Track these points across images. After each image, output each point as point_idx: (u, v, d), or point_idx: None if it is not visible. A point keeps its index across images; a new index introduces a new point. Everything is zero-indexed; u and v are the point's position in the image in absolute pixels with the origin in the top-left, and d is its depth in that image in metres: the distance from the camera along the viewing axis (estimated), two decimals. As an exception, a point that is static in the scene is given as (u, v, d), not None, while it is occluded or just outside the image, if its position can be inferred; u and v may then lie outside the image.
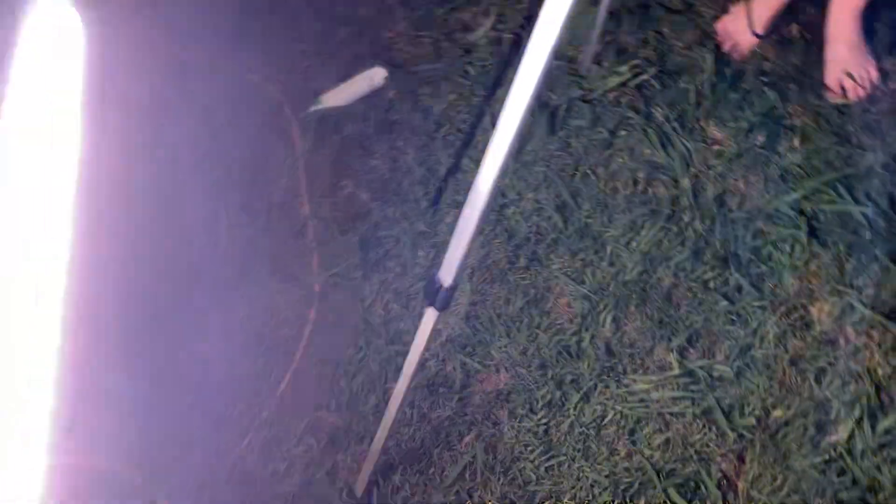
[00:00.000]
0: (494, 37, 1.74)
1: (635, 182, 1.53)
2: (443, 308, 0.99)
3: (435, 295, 0.98)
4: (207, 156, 1.69)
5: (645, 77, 1.64)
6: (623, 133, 1.58)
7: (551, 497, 1.28)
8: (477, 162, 1.55)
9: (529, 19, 1.74)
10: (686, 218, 1.48)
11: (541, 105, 1.56)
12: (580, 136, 1.58)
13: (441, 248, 1.51)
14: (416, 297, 1.48)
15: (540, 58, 0.77)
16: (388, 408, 1.16)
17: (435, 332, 1.03)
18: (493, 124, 1.59)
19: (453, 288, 0.97)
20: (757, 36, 1.56)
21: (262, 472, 1.36)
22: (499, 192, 1.49)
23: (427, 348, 1.05)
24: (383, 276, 1.51)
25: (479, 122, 1.62)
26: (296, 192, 1.64)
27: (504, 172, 0.84)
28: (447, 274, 0.96)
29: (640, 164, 1.55)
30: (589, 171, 1.54)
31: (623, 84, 1.63)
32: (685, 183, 1.51)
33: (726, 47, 1.67)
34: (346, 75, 1.76)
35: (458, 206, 1.55)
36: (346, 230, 1.56)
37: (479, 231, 0.89)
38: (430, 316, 1.02)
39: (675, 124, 1.58)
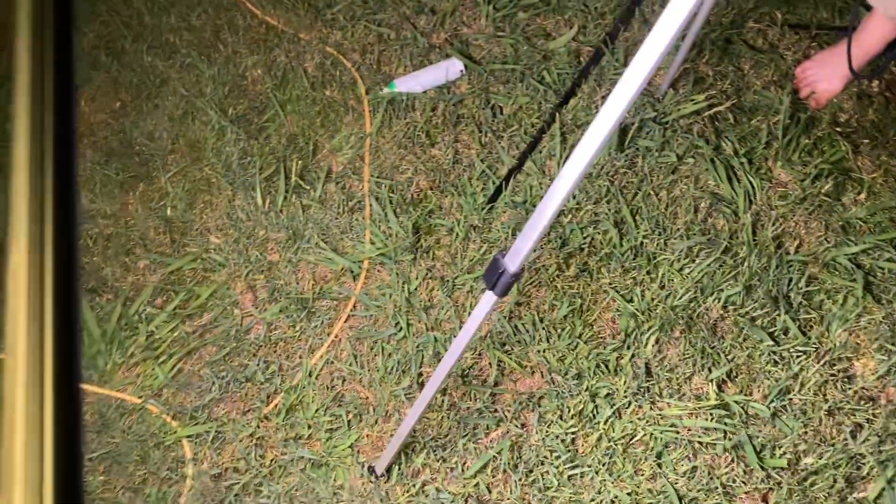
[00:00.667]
0: (574, 48, 1.75)
1: (696, 210, 1.53)
2: (502, 294, 1.00)
3: (496, 280, 0.98)
4: (277, 116, 1.72)
5: (719, 109, 1.64)
6: (690, 160, 1.58)
7: (570, 506, 1.27)
8: (541, 166, 1.56)
9: (612, 37, 1.75)
10: (742, 253, 1.47)
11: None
12: (647, 157, 1.58)
13: (494, 245, 1.51)
14: (461, 288, 1.48)
15: (634, 83, 0.79)
16: (424, 390, 1.16)
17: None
18: (563, 132, 1.62)
19: (517, 276, 0.98)
20: (853, 74, 1.55)
21: (284, 434, 1.36)
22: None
23: (478, 332, 1.06)
24: (431, 264, 1.52)
25: (548, 128, 1.63)
26: (356, 169, 1.65)
27: (585, 175, 0.84)
28: (513, 260, 0.96)
29: (704, 193, 1.54)
30: (652, 192, 1.54)
31: (696, 112, 1.63)
32: (746, 219, 1.51)
33: (803, 94, 1.66)
34: (421, 63, 1.78)
35: (516, 206, 1.55)
36: (401, 213, 1.57)
37: (552, 224, 0.89)
38: (487, 300, 1.02)
39: (744, 160, 1.57)
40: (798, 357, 1.38)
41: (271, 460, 1.34)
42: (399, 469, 1.31)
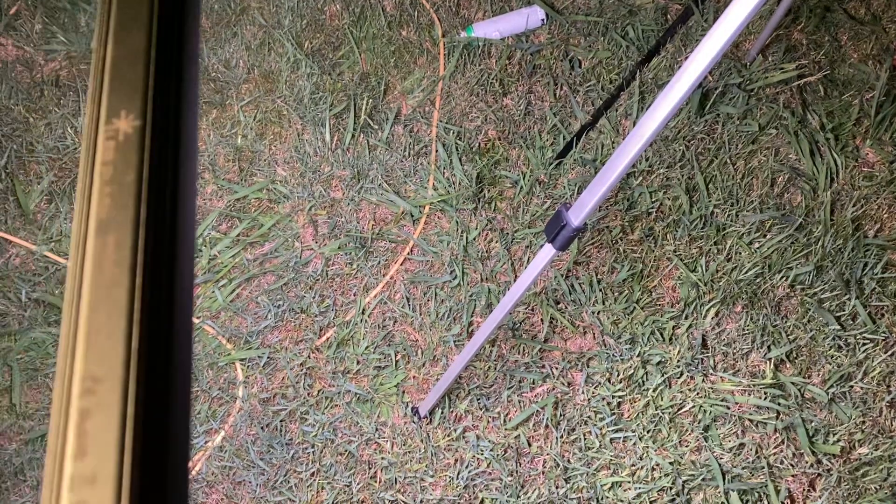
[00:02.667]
0: (662, 5, 1.68)
1: (773, 183, 1.47)
2: (562, 248, 0.98)
3: (557, 232, 0.97)
4: (351, 53, 1.71)
5: (809, 80, 1.55)
6: (773, 131, 1.51)
7: (609, 468, 1.27)
8: (615, 124, 1.51)
9: (702, -5, 1.67)
10: (817, 232, 1.41)
11: (694, 83, 1.51)
12: (728, 124, 1.52)
13: (558, 201, 1.49)
14: (520, 242, 1.47)
15: (719, 42, 0.75)
16: (474, 338, 1.16)
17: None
18: (642, 91, 1.56)
19: (579, 230, 0.95)
20: None
21: (333, 367, 1.39)
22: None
23: (532, 287, 1.04)
24: (492, 215, 1.50)
25: (627, 86, 1.58)
26: (426, 113, 1.64)
27: (660, 133, 0.81)
28: (577, 213, 0.94)
29: (783, 167, 1.48)
30: (728, 161, 1.48)
31: (785, 82, 1.55)
32: (825, 197, 1.44)
33: (903, 70, 1.57)
34: (501, 9, 1.73)
35: (585, 164, 1.52)
36: (466, 161, 1.56)
37: (620, 183, 0.86)
38: (545, 253, 1.00)
39: (830, 135, 1.50)
40: (864, 344, 1.32)
41: (319, 391, 1.37)
42: (442, 413, 1.32)
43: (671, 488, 1.24)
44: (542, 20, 1.67)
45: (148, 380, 0.22)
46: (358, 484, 1.31)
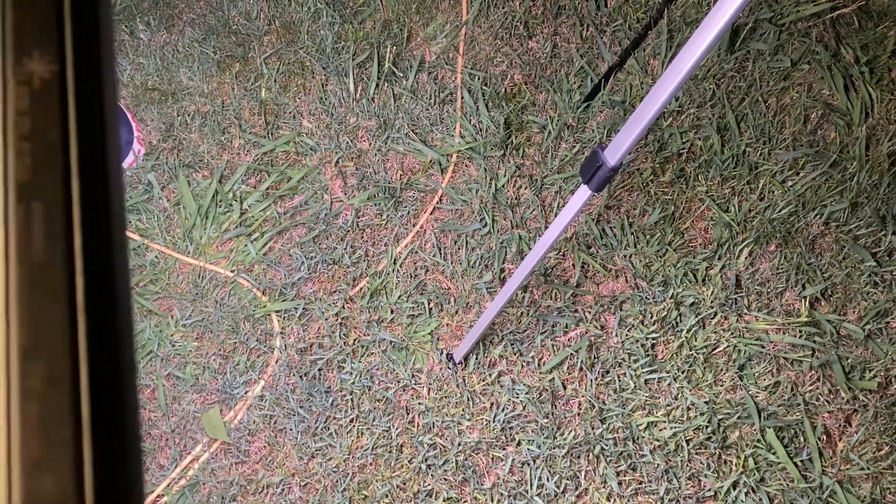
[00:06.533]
0: (690, -61, 1.63)
1: (806, 120, 1.44)
2: (598, 189, 0.97)
3: (593, 173, 0.96)
4: (371, 0, 1.68)
5: (843, 12, 1.51)
6: (805, 67, 1.48)
7: (644, 408, 1.28)
8: (643, 65, 1.49)
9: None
10: (852, 168, 1.39)
11: (724, 19, 1.47)
12: (759, 61, 1.49)
13: (587, 145, 1.47)
14: (549, 188, 1.46)
15: None
16: (507, 284, 1.17)
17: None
18: (670, 30, 1.53)
19: (615, 170, 0.95)
20: None
21: (367, 316, 1.40)
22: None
23: (564, 232, 1.04)
24: (521, 161, 1.49)
25: (655, 24, 1.54)
26: (450, 59, 1.62)
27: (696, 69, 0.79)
28: (613, 153, 0.93)
29: (817, 103, 1.45)
30: (760, 99, 1.45)
31: (817, 15, 1.51)
32: (860, 132, 1.41)
33: (941, -1, 1.52)
34: (524, -49, 1.70)
35: (614, 106, 1.50)
36: (493, 107, 1.54)
37: (659, 115, 0.85)
38: (581, 194, 1.00)
39: (864, 69, 1.46)
40: (901, 281, 1.31)
41: (354, 340, 1.38)
42: (476, 358, 1.33)
43: (707, 427, 1.25)
44: (567, -41, 1.63)
45: (95, 377, 0.20)
46: (397, 429, 1.33)
